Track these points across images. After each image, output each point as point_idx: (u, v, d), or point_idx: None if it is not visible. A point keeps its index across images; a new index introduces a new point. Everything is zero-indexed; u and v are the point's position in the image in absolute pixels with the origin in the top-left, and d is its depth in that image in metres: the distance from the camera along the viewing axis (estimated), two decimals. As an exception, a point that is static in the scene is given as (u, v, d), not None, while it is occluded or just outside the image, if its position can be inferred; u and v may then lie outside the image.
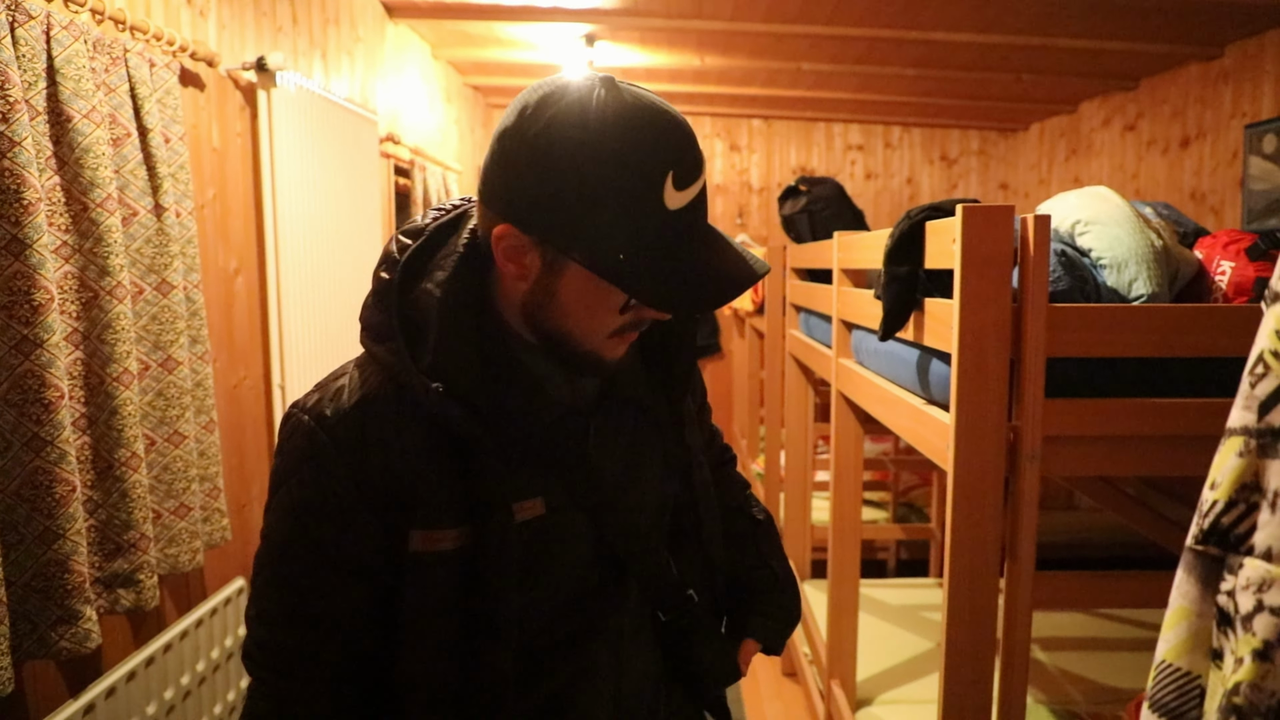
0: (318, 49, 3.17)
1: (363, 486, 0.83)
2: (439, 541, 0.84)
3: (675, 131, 0.78)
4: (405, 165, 4.02)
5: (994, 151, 6.45)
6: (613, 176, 0.75)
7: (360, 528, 0.84)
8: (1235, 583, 0.67)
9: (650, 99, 0.80)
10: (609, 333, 0.86)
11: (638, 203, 0.76)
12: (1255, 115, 3.91)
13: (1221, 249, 1.63)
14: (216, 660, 2.31)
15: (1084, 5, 3.50)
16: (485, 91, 5.75)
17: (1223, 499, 0.69)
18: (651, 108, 0.78)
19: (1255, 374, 0.69)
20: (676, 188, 0.77)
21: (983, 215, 1.37)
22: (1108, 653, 2.78)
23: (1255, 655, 0.63)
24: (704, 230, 0.82)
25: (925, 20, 3.84)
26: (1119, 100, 5.01)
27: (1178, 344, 1.42)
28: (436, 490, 0.83)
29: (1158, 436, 1.42)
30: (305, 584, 0.85)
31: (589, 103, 0.76)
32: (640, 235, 0.77)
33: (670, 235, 0.78)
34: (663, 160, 0.76)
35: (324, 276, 2.95)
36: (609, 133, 0.75)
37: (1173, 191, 4.50)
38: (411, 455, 0.83)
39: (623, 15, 3.91)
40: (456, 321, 0.84)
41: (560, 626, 0.92)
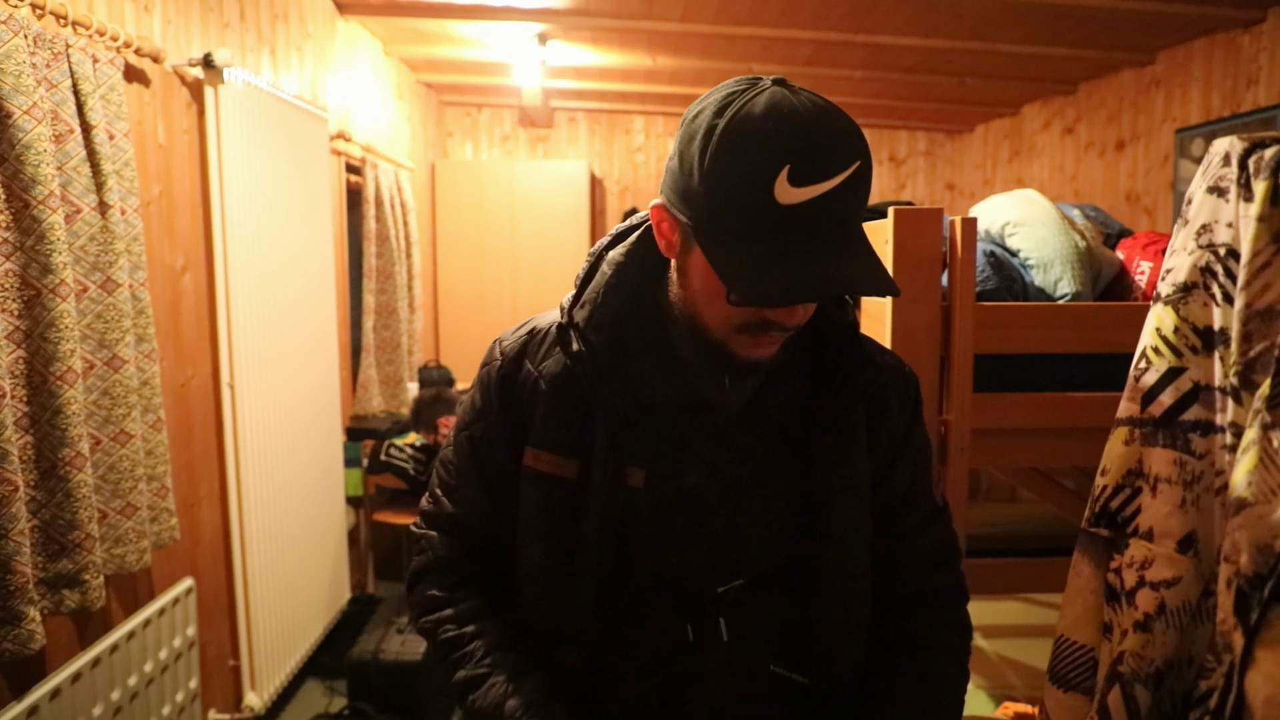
0: (266, 45, 3.14)
1: (508, 398, 0.99)
2: (543, 463, 0.95)
3: (801, 129, 0.77)
4: (357, 163, 4.00)
5: (940, 152, 6.59)
6: (726, 163, 0.78)
7: (500, 429, 0.99)
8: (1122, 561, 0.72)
9: (800, 100, 0.79)
10: (734, 326, 0.86)
11: (746, 192, 0.78)
12: (1185, 120, 4.06)
13: (1141, 249, 1.71)
14: (165, 661, 2.30)
15: (1025, 12, 3.60)
16: (437, 89, 5.73)
17: (1111, 484, 0.74)
18: (789, 105, 0.78)
19: (1139, 368, 0.74)
20: (792, 183, 0.76)
21: (913, 218, 1.42)
22: (1044, 639, 2.87)
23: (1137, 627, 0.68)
24: (830, 232, 0.79)
25: (872, 24, 3.92)
26: (1059, 104, 5.16)
27: (1099, 340, 1.49)
28: (551, 417, 0.95)
29: (1079, 429, 1.49)
30: (460, 465, 1.03)
31: (742, 98, 0.80)
32: (746, 225, 0.79)
33: (778, 230, 0.78)
34: (779, 155, 0.77)
35: (274, 273, 2.94)
36: (739, 124, 0.78)
37: (1109, 192, 4.64)
38: (545, 382, 0.96)
39: (575, 15, 3.93)
40: (618, 290, 0.94)
41: (645, 602, 0.95)
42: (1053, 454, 1.56)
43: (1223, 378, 0.70)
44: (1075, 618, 0.78)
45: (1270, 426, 0.63)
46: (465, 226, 5.70)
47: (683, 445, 0.93)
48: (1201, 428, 0.71)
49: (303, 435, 3.17)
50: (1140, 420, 0.75)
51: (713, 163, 0.79)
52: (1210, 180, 0.73)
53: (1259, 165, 0.68)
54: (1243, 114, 3.67)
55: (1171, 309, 0.73)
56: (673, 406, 0.93)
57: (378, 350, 4.19)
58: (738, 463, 0.94)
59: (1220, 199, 0.71)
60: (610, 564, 0.93)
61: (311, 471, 3.25)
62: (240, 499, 2.73)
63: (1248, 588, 0.61)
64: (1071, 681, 0.77)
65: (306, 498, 3.20)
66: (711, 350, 0.90)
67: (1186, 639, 0.68)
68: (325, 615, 3.38)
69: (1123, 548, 0.74)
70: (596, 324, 0.93)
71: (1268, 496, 0.61)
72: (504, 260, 5.74)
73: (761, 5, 3.73)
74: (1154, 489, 0.72)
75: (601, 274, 0.97)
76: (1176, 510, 0.70)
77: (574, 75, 5.08)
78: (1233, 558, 0.63)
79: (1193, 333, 0.72)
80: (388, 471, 3.74)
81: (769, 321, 0.85)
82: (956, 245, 1.42)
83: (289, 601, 3.03)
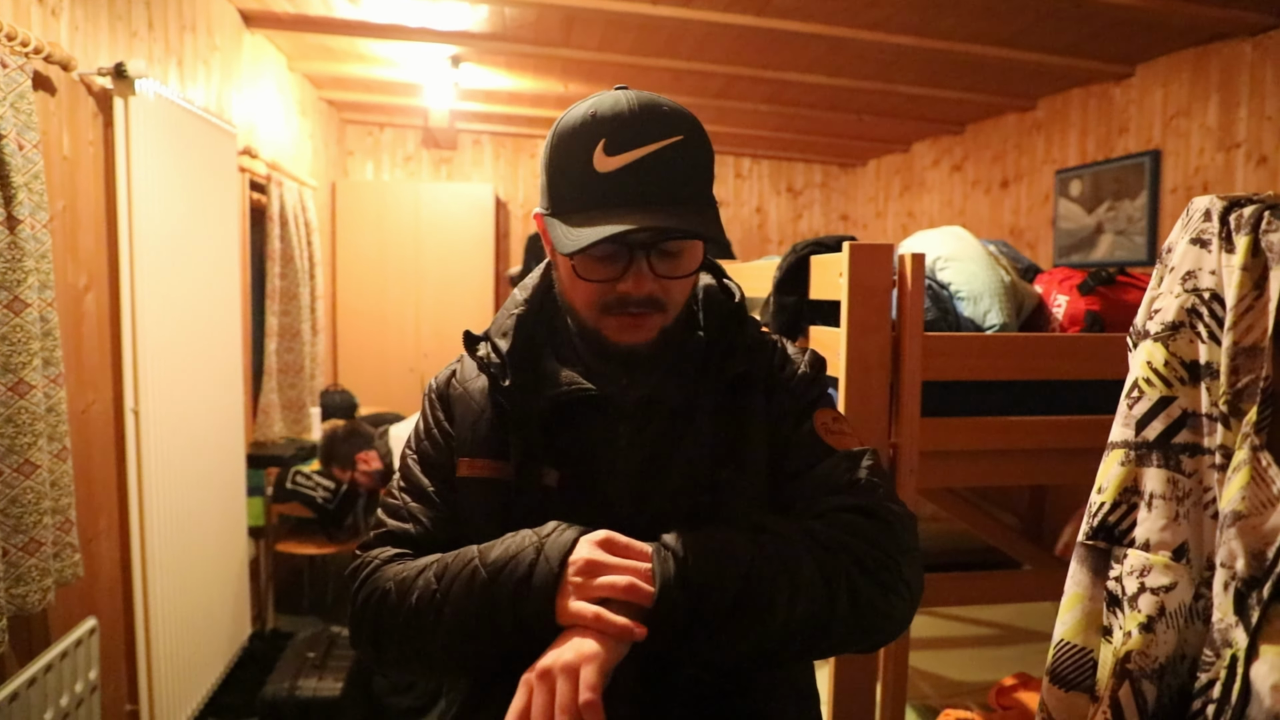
0: (174, 56, 3.02)
1: (444, 415, 1.05)
2: (476, 469, 0.99)
3: (617, 112, 0.88)
4: (261, 180, 3.87)
5: (835, 185, 6.88)
6: (558, 149, 0.91)
7: (441, 447, 1.04)
8: (1121, 570, 0.80)
9: (627, 94, 0.90)
10: (597, 307, 0.94)
11: (572, 167, 0.89)
12: (1063, 162, 4.39)
13: (1057, 284, 1.86)
14: (65, 708, 2.15)
15: (920, 57, 3.84)
16: (340, 106, 5.61)
17: (1109, 501, 0.82)
18: (612, 98, 0.90)
19: (1132, 397, 0.82)
20: (607, 153, 0.87)
21: (867, 252, 1.51)
22: (953, 649, 3.02)
23: (1141, 628, 0.75)
24: (652, 194, 0.87)
25: (780, 62, 4.09)
26: (947, 143, 5.49)
27: (1028, 368, 1.61)
28: (479, 425, 1.01)
29: (1019, 450, 1.60)
30: (409, 486, 1.06)
31: (579, 103, 0.92)
32: (576, 196, 0.89)
33: (600, 196, 0.88)
34: (597, 132, 0.88)
35: (181, 294, 2.81)
36: (570, 118, 0.91)
37: (995, 228, 4.97)
38: (470, 402, 1.03)
39: (492, 39, 3.93)
40: (527, 302, 1.04)
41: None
42: (995, 474, 1.68)
43: (1210, 406, 0.79)
44: (1075, 623, 0.85)
45: (1259, 448, 0.72)
46: (367, 247, 5.58)
47: (594, 443, 0.97)
48: (1190, 450, 0.80)
49: (207, 463, 3.03)
50: (1135, 444, 0.83)
51: (551, 153, 0.92)
52: (1192, 233, 0.82)
53: (1239, 221, 0.78)
54: (1115, 159, 4.01)
55: (1161, 345, 0.82)
56: (583, 405, 0.97)
57: (280, 374, 4.04)
58: (642, 456, 0.97)
59: (1203, 249, 0.81)
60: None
61: (215, 501, 3.11)
62: (143, 532, 2.58)
63: (1245, 589, 0.70)
64: (1072, 681, 0.84)
65: (210, 529, 3.05)
66: (591, 341, 0.98)
67: (1182, 638, 0.77)
68: (226, 653, 3.22)
69: (1122, 558, 0.82)
70: (503, 330, 1.03)
71: (1259, 509, 0.70)
72: (407, 282, 5.64)
73: (676, 39, 3.83)
74: (1149, 505, 0.80)
75: (513, 295, 1.08)
76: (1171, 523, 0.79)
77: (483, 98, 5.07)
78: (1229, 564, 0.72)
79: (1181, 366, 0.81)
80: (294, 500, 3.60)
81: (624, 298, 0.92)
82: (906, 278, 1.51)
83: (190, 639, 2.87)
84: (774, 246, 6.81)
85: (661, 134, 0.87)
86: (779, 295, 1.75)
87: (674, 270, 0.93)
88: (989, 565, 2.55)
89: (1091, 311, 1.78)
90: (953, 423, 1.57)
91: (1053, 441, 1.63)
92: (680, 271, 0.93)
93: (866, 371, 1.50)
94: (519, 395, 0.98)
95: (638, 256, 0.90)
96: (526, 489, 0.96)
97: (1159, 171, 3.76)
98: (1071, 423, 1.63)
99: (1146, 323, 0.83)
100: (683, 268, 0.93)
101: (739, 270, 2.35)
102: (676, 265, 0.93)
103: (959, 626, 3.21)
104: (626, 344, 0.95)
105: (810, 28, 3.50)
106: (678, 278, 0.93)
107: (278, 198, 3.93)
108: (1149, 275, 1.24)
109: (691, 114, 0.92)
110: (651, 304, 0.93)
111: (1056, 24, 3.36)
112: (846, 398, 1.51)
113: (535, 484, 0.96)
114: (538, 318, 1.05)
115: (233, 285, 3.32)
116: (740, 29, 3.53)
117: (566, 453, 0.97)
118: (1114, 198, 4.00)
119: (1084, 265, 4.11)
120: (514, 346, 1.01)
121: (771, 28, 3.50)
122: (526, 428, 0.98)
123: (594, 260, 0.91)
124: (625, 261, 0.90)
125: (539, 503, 0.95)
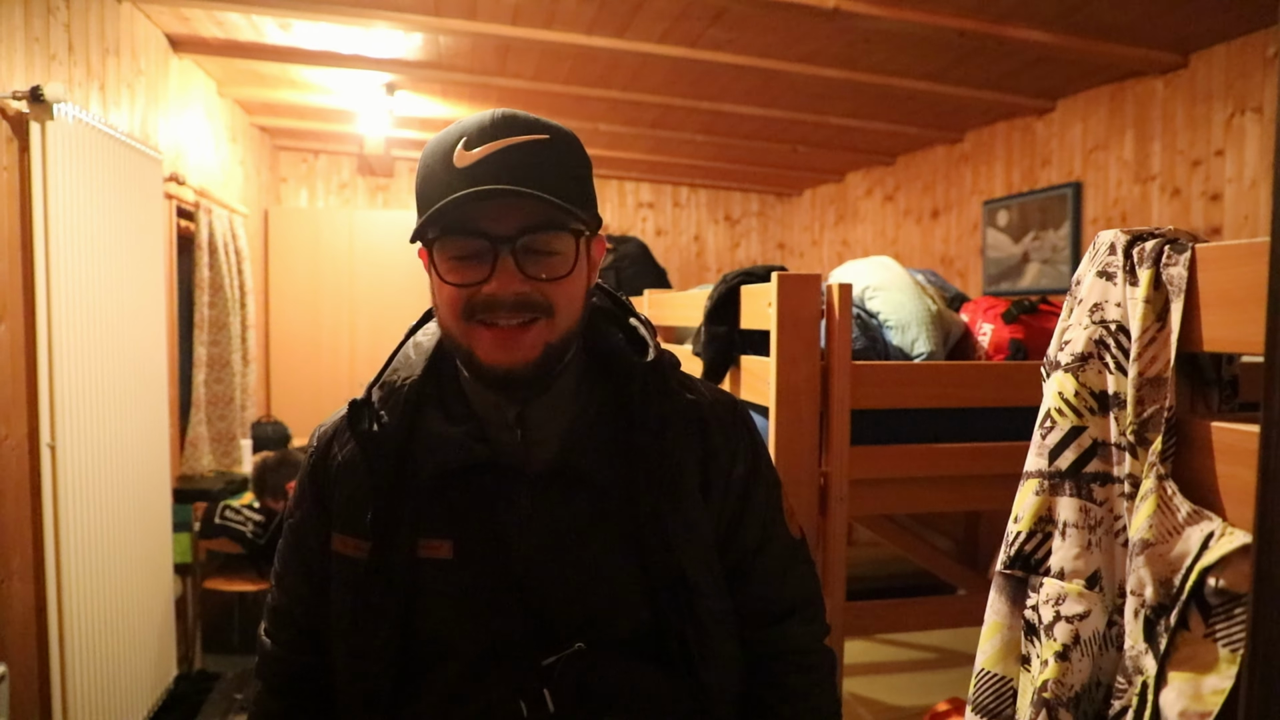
0: (96, 80, 2.94)
1: (319, 484, 0.99)
2: (349, 547, 0.94)
3: (479, 118, 0.87)
4: (189, 207, 3.78)
5: (772, 214, 6.99)
6: (425, 158, 0.88)
7: (312, 517, 0.99)
8: (1038, 599, 0.81)
9: (495, 109, 0.89)
10: (460, 313, 0.86)
11: (437, 166, 0.86)
12: (990, 193, 4.53)
13: (983, 313, 1.91)
14: (-30, 761, 2.04)
15: (852, 90, 3.94)
16: (272, 133, 5.52)
17: (1024, 530, 0.83)
18: (479, 113, 0.88)
19: (1045, 428, 0.84)
20: (465, 149, 0.85)
21: (795, 282, 1.52)
22: (889, 674, 3.05)
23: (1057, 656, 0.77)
24: (495, 178, 0.83)
25: (715, 93, 4.16)
26: (880, 173, 5.62)
27: (955, 396, 1.64)
28: (352, 500, 0.94)
29: (946, 477, 1.63)
30: (285, 553, 1.03)
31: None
32: (438, 192, 0.85)
33: (456, 186, 0.83)
34: (460, 132, 0.86)
35: (102, 324, 2.72)
36: (440, 133, 0.89)
37: (926, 256, 5.09)
38: (342, 469, 0.96)
39: (427, 67, 3.92)
40: (417, 363, 0.97)
41: (475, 677, 0.91)
42: (925, 501, 1.70)
43: (1118, 435, 0.81)
44: (995, 652, 0.86)
45: (1164, 477, 0.74)
46: (300, 276, 5.48)
47: (494, 511, 0.90)
48: (1101, 479, 0.82)
49: (130, 499, 2.92)
50: (1049, 473, 0.85)
51: (419, 169, 0.89)
52: (1099, 266, 0.85)
53: (1142, 255, 0.81)
54: (1038, 190, 4.15)
55: (1071, 375, 0.84)
56: (481, 472, 0.91)
57: (209, 405, 3.93)
58: (555, 524, 0.90)
59: (1109, 282, 0.83)
60: (395, 645, 0.90)
61: (138, 538, 2.99)
62: (59, 572, 2.47)
63: (1153, 616, 0.71)
64: (993, 711, 0.85)
65: (133, 567, 2.93)
66: (471, 370, 0.89)
67: (1097, 665, 0.78)
68: (150, 696, 3.08)
69: (1038, 587, 0.83)
70: (389, 398, 0.95)
71: (1166, 537, 0.72)
72: (341, 311, 5.54)
73: (612, 69, 3.87)
74: (1063, 533, 0.82)
75: (404, 351, 1.00)
76: (1084, 552, 0.81)
77: (419, 126, 5.04)
78: (1138, 591, 0.73)
79: (1090, 396, 0.83)
80: (223, 535, 3.49)
81: (491, 300, 0.84)
82: (834, 308, 1.53)
83: (110, 683, 2.75)
84: (712, 274, 6.88)
85: (525, 132, 0.85)
86: (710, 325, 1.76)
87: (544, 271, 0.85)
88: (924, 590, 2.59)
89: (1015, 339, 1.83)
90: (882, 451, 1.59)
91: (980, 468, 1.66)
92: (552, 273, 0.85)
93: (796, 400, 1.52)
94: (400, 471, 0.91)
95: (502, 254, 0.83)
96: (401, 564, 0.90)
97: (1080, 202, 3.90)
98: (998, 449, 1.67)
99: (1058, 353, 0.85)
100: (555, 269, 0.85)
101: (672, 299, 2.36)
102: (548, 265, 0.85)
103: (895, 651, 3.24)
104: (502, 365, 0.86)
105: (743, 60, 3.57)
106: (551, 280, 0.85)
107: (206, 225, 3.84)
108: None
109: (568, 129, 0.90)
110: (524, 307, 0.85)
111: (981, 60, 3.48)
112: (777, 427, 1.52)
113: (414, 557, 0.90)
114: (425, 377, 0.96)
115: (158, 315, 3.22)
116: (674, 60, 3.58)
117: (458, 522, 0.91)
118: (1039, 227, 4.14)
119: (1011, 293, 4.23)
120: (404, 418, 0.93)
121: (705, 59, 3.56)
122: (412, 500, 0.91)
123: (456, 261, 0.85)
124: (490, 261, 0.84)
125: (429, 576, 0.90)
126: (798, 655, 0.99)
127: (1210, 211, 3.28)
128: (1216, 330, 0.76)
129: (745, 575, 0.97)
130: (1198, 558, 0.70)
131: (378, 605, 0.90)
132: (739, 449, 0.97)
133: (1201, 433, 0.77)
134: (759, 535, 0.98)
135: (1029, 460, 0.86)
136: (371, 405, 0.95)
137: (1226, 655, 0.67)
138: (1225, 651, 0.67)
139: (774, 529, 0.99)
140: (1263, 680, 0.53)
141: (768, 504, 0.99)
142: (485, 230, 0.83)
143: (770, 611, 0.99)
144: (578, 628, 0.89)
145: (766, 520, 0.99)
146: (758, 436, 1.02)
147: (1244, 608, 0.65)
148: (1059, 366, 0.84)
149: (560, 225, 0.85)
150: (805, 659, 0.99)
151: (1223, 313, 0.76)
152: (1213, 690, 0.66)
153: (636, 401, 0.92)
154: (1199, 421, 0.77)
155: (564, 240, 0.86)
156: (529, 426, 0.91)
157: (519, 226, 0.83)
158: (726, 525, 0.96)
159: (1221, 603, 0.68)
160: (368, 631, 0.91)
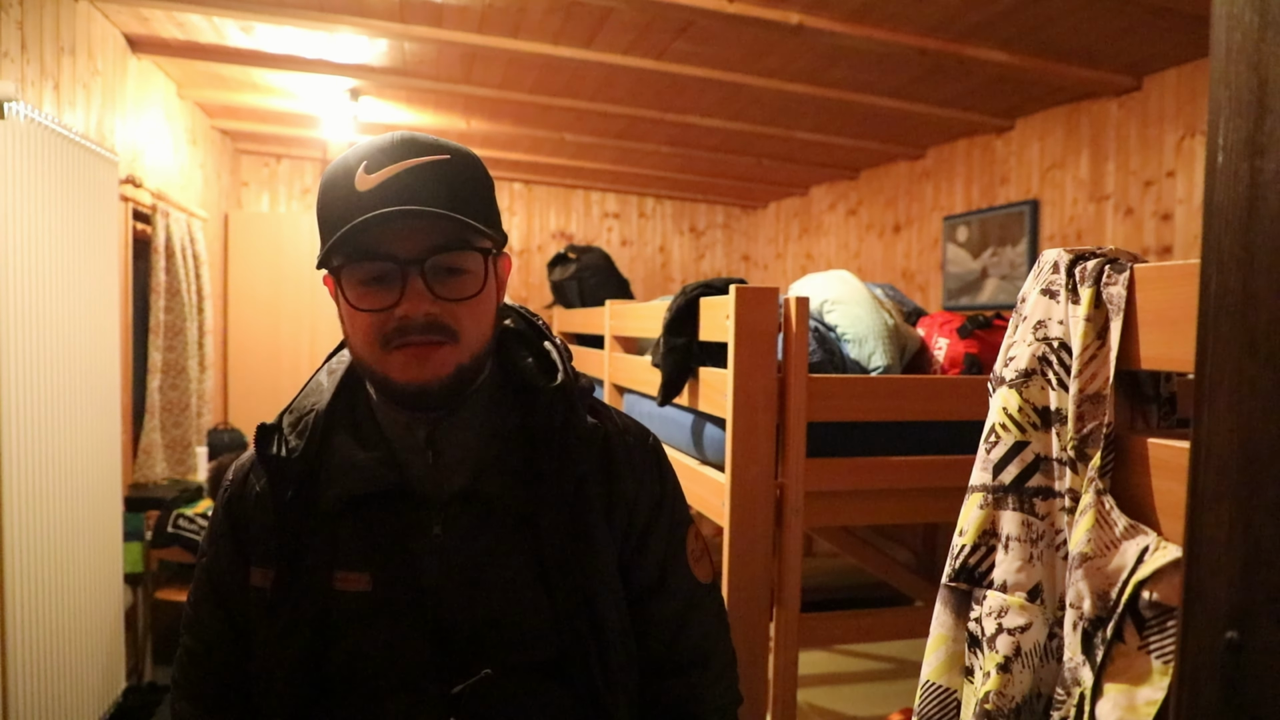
0: (50, 80, 2.89)
1: (235, 519, 0.97)
2: (263, 579, 0.92)
3: (377, 141, 0.87)
4: (146, 210, 3.72)
5: (737, 226, 7.03)
6: (325, 183, 0.88)
7: (230, 558, 0.96)
8: (981, 611, 0.83)
9: (394, 132, 0.89)
10: (375, 341, 0.86)
11: (338, 191, 0.85)
12: (950, 209, 4.60)
13: (938, 328, 1.93)
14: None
15: (816, 105, 3.98)
16: (234, 136, 5.45)
17: (969, 543, 0.85)
18: (377, 136, 0.88)
19: (989, 442, 0.86)
20: (366, 172, 0.84)
21: (753, 295, 1.53)
22: (845, 685, 3.07)
23: (999, 668, 0.78)
24: (399, 199, 0.83)
25: (681, 105, 4.18)
26: (843, 188, 5.68)
27: (911, 409, 1.66)
28: (266, 531, 0.93)
29: (900, 489, 1.65)
30: (198, 595, 1.00)
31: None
32: (340, 217, 0.84)
33: (358, 210, 0.83)
34: (359, 157, 0.86)
35: (52, 328, 2.66)
36: (340, 155, 0.89)
37: (889, 270, 5.15)
38: (259, 500, 0.95)
39: (392, 74, 3.90)
40: (328, 389, 0.97)
41: (370, 704, 0.90)
42: (880, 513, 1.72)
43: (1060, 450, 0.83)
44: (940, 664, 0.87)
45: (1102, 491, 0.75)
46: (261, 281, 5.41)
47: (407, 541, 0.90)
48: (1043, 493, 0.84)
49: (78, 507, 2.85)
50: (993, 487, 0.86)
51: (319, 196, 0.89)
52: (1043, 284, 0.87)
53: (1084, 274, 0.83)
54: (997, 207, 4.22)
55: (1015, 391, 0.85)
56: (393, 500, 0.91)
57: (163, 412, 3.86)
58: (465, 551, 0.90)
59: (1052, 300, 0.85)
60: (301, 675, 0.89)
61: (86, 547, 2.92)
62: (2, 582, 2.41)
63: (1091, 629, 0.73)
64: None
65: (80, 577, 2.87)
66: (384, 392, 0.89)
67: (1038, 677, 0.79)
68: (98, 708, 3.01)
69: (981, 600, 0.84)
70: (299, 423, 0.95)
71: (1104, 550, 0.73)
72: (301, 318, 5.47)
73: (578, 80, 3.88)
74: (1006, 547, 0.83)
75: (317, 379, 1.00)
76: (1026, 565, 0.82)
77: (384, 132, 4.98)
78: (1077, 604, 0.75)
79: (1034, 412, 0.85)
80: (175, 544, 3.42)
81: (404, 324, 0.84)
82: (791, 321, 1.54)
83: (56, 695, 2.68)
84: (676, 285, 6.90)
85: (423, 153, 0.86)
86: (669, 337, 1.77)
87: (455, 291, 0.86)
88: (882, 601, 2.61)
89: (970, 354, 1.85)
90: (837, 463, 1.61)
91: (935, 481, 1.68)
92: (462, 293, 0.86)
93: (753, 412, 1.52)
94: (310, 497, 0.91)
95: (411, 275, 0.83)
96: (310, 594, 0.89)
97: (1038, 219, 3.97)
98: (953, 462, 1.69)
99: (1003, 369, 0.87)
100: (465, 288, 0.86)
101: (633, 310, 2.36)
102: (457, 285, 0.86)
103: (851, 661, 3.26)
104: (415, 382, 0.85)
105: (708, 73, 3.59)
106: (460, 300, 0.86)
107: (164, 228, 3.78)
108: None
109: (468, 149, 0.90)
110: (435, 329, 0.85)
111: (942, 78, 3.54)
112: (734, 439, 1.53)
113: (328, 588, 0.89)
114: (336, 401, 0.96)
115: (111, 319, 3.16)
116: (640, 72, 3.60)
117: (374, 551, 0.90)
118: (997, 244, 4.21)
119: (971, 308, 4.29)
120: (314, 446, 0.93)
121: (671, 72, 3.58)
122: (326, 528, 0.91)
123: (364, 286, 0.85)
124: (399, 285, 0.84)
125: (345, 608, 0.89)
126: (692, 718, 0.97)
127: (1162, 231, 3.36)
128: (1153, 348, 0.78)
129: (643, 616, 0.96)
130: (1133, 571, 0.71)
131: (282, 633, 0.89)
132: (644, 479, 0.97)
133: (1138, 448, 0.78)
134: (656, 574, 0.97)
135: (974, 474, 0.88)
136: (280, 431, 0.95)
137: (1159, 667, 0.69)
138: (1158, 663, 0.69)
139: (674, 568, 0.98)
140: (1191, 692, 0.54)
141: (669, 541, 0.98)
142: (392, 253, 0.84)
143: (668, 659, 0.97)
144: (487, 654, 0.89)
145: (666, 558, 0.98)
146: (670, 473, 1.02)
147: (1175, 620, 0.66)
148: (1004, 382, 0.86)
149: (468, 244, 0.86)
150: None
151: (1159, 331, 0.78)
152: (1146, 701, 0.68)
153: (541, 425, 0.92)
154: (1136, 437, 0.79)
155: (472, 259, 0.87)
156: (440, 448, 0.91)
157: (427, 247, 0.84)
158: (631, 555, 0.96)
159: (1155, 615, 0.69)
160: (273, 660, 0.90)
